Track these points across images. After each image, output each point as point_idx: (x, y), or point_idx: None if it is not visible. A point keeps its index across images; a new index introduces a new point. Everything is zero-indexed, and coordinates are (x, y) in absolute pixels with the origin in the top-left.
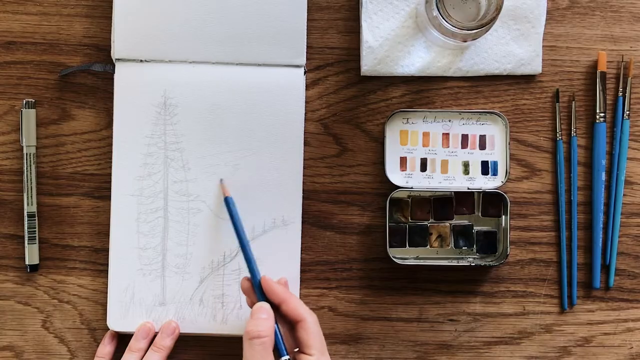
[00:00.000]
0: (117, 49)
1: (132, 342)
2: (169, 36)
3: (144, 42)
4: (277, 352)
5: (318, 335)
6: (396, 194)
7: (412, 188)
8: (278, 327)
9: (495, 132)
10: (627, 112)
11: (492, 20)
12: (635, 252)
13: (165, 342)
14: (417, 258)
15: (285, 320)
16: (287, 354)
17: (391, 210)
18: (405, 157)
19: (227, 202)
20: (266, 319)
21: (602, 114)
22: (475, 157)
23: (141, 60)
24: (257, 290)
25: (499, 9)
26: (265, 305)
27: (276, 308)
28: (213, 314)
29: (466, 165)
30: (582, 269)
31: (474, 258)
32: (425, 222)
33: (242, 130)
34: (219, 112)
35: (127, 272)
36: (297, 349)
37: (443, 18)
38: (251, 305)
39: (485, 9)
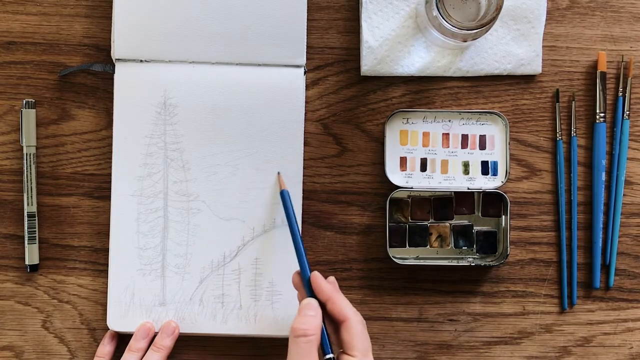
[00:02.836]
0: (117, 49)
1: (132, 342)
2: (169, 36)
3: (144, 42)
4: (322, 350)
5: (362, 336)
6: (396, 194)
7: (412, 188)
8: (325, 325)
9: (495, 132)
10: (627, 112)
11: (492, 20)
12: (635, 252)
13: (165, 342)
14: (417, 258)
15: (331, 319)
16: (332, 353)
17: (391, 210)
18: (405, 157)
19: (283, 195)
20: (313, 316)
21: (602, 114)
22: (475, 157)
23: (141, 61)
24: (305, 286)
25: (499, 9)
26: (313, 302)
27: (323, 306)
28: (213, 314)
29: (466, 165)
30: (582, 269)
31: (474, 258)
32: (425, 222)
33: (242, 130)
34: (219, 112)
35: (127, 272)
36: (341, 350)
37: (443, 18)
38: (300, 300)
39: (485, 9)
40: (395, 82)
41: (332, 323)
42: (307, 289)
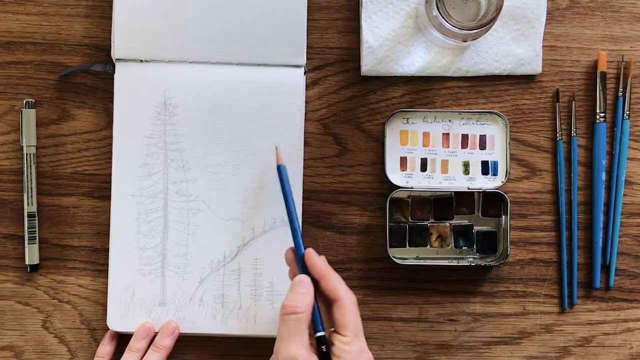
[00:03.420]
0: (117, 49)
1: (132, 342)
2: (169, 36)
3: (144, 42)
4: (313, 327)
5: (354, 316)
6: (396, 194)
7: (412, 188)
8: (317, 302)
9: (496, 132)
10: (627, 112)
11: (492, 20)
12: (636, 252)
13: (165, 342)
14: (417, 258)
15: (324, 297)
16: (323, 330)
17: (391, 210)
18: (406, 157)
19: (279, 170)
20: (305, 293)
21: (602, 114)
22: (476, 157)
23: (141, 60)
24: (299, 263)
25: (499, 9)
26: (305, 279)
27: (316, 283)
28: (213, 314)
29: (466, 165)
30: (582, 269)
31: (474, 258)
32: (426, 222)
33: (242, 130)
34: (219, 112)
35: (127, 272)
36: (333, 329)
37: (443, 18)
38: (292, 277)
39: (485, 8)
40: (395, 82)
41: (324, 301)
42: (300, 266)
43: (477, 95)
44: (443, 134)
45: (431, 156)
